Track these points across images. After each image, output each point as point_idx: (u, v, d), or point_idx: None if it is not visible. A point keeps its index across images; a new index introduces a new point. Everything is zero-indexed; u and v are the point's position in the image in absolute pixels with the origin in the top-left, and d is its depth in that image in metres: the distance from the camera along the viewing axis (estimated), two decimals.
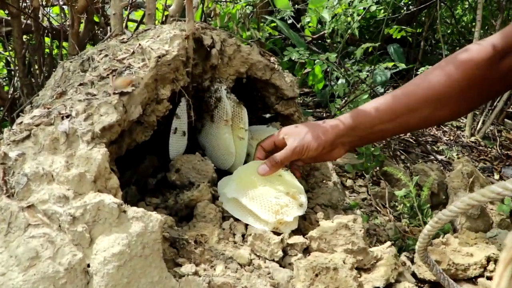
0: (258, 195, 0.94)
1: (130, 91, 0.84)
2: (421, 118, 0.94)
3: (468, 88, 0.90)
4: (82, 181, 0.70)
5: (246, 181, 1.01)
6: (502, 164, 1.87)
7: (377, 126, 0.96)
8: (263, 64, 1.22)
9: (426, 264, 0.83)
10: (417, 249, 0.79)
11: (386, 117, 0.95)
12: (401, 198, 1.25)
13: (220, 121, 1.18)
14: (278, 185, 1.01)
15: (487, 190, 0.58)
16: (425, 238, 0.73)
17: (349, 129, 0.98)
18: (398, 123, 0.95)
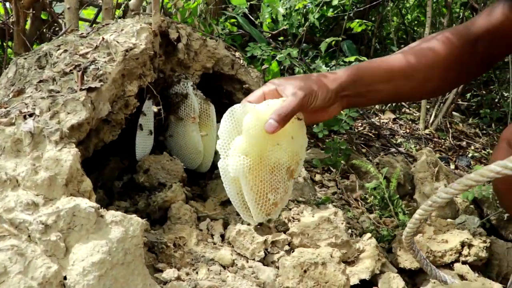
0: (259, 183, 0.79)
1: (96, 86, 0.78)
2: (411, 87, 0.94)
3: (450, 67, 0.93)
4: (53, 185, 0.63)
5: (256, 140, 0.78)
6: (456, 155, 1.94)
7: (375, 84, 0.91)
8: (229, 59, 1.18)
9: (411, 250, 0.83)
10: (405, 234, 0.78)
11: (384, 77, 0.91)
12: (371, 190, 1.26)
13: (187, 118, 1.13)
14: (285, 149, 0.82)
15: (486, 170, 0.57)
16: (415, 223, 0.72)
17: (351, 82, 0.89)
18: (392, 86, 0.92)
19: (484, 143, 2.13)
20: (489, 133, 2.31)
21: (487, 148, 2.05)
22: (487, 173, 0.57)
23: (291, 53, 1.55)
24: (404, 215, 1.18)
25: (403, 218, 1.15)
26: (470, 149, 2.03)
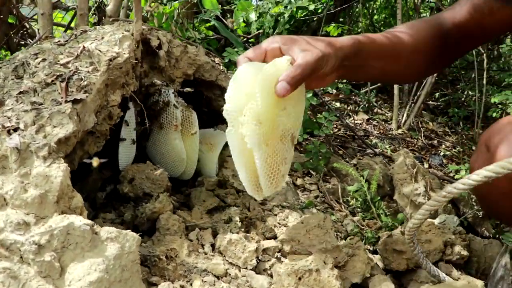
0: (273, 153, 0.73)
1: (82, 98, 0.76)
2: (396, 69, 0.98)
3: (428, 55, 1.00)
4: (44, 203, 0.61)
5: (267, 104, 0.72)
6: (429, 154, 2.00)
7: (370, 60, 0.92)
8: (210, 66, 1.18)
9: (412, 243, 0.84)
10: (410, 225, 0.78)
11: (377, 54, 0.93)
12: (353, 193, 1.28)
13: (170, 126, 1.12)
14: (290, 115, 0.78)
15: (506, 162, 0.59)
16: (424, 214, 0.73)
17: (353, 53, 0.87)
18: (382, 65, 0.95)
19: (454, 141, 2.19)
20: (457, 132, 2.38)
21: (457, 146, 2.11)
22: (508, 165, 0.59)
23: None
24: (386, 217, 1.20)
25: (386, 220, 1.17)
26: (442, 147, 2.09)
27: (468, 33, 1.03)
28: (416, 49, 0.99)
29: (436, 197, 0.70)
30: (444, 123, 2.52)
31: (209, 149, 1.21)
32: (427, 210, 0.72)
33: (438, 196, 0.69)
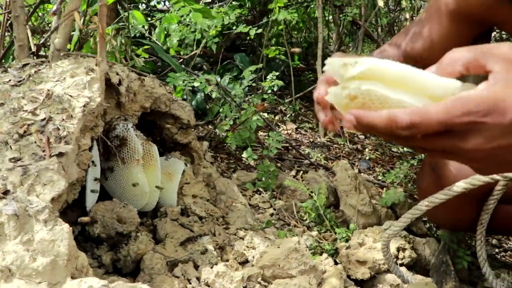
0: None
1: (66, 150, 0.74)
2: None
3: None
4: (55, 269, 0.60)
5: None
6: (357, 158, 2.16)
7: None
8: (166, 97, 1.19)
9: (386, 248, 0.94)
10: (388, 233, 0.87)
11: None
12: (305, 208, 1.36)
13: (132, 160, 1.11)
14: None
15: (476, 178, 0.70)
16: (406, 222, 0.82)
17: None
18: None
19: (375, 143, 2.39)
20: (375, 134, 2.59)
21: (379, 148, 2.31)
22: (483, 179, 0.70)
23: (209, 80, 1.59)
24: (338, 228, 1.30)
25: (339, 231, 1.27)
26: (366, 151, 2.27)
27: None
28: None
29: (419, 206, 0.80)
30: None
31: (168, 179, 1.23)
32: (408, 218, 0.82)
33: (420, 205, 0.79)
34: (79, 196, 1.00)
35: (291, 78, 2.43)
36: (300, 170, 1.87)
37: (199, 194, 1.28)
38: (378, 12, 2.40)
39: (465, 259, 1.16)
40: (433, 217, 1.02)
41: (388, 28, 2.80)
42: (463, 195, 0.81)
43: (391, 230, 0.86)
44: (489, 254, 1.48)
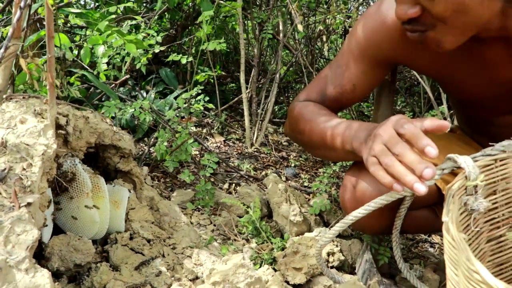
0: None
1: (34, 200, 0.81)
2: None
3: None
4: None
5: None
6: (283, 166, 2.34)
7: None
8: (109, 131, 1.26)
9: (318, 256, 1.09)
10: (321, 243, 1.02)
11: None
12: (243, 222, 1.50)
13: (81, 195, 1.17)
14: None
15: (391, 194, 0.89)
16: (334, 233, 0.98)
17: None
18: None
19: (299, 150, 2.59)
20: None
21: (302, 154, 2.51)
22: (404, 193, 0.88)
23: (143, 105, 1.66)
24: (273, 238, 1.45)
25: (275, 241, 1.42)
26: (291, 158, 2.46)
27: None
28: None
29: (344, 220, 0.96)
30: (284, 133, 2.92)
31: (115, 206, 1.30)
32: (336, 231, 0.98)
33: (346, 219, 0.96)
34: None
35: (215, 88, 2.55)
36: (232, 183, 2.00)
37: (145, 218, 1.36)
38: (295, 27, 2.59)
39: (386, 255, 1.35)
40: (356, 225, 1.20)
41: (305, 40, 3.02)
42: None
43: (322, 241, 1.02)
44: (405, 246, 1.72)
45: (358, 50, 1.14)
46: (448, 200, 0.81)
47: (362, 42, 1.14)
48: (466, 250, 0.64)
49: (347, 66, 1.16)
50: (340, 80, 1.17)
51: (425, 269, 1.43)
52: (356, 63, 1.15)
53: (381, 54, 1.12)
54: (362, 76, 1.16)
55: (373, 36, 1.11)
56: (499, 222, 1.02)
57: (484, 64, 1.09)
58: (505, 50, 1.03)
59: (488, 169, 0.96)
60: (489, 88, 1.14)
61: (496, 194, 0.99)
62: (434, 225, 1.21)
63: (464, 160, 0.89)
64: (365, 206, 0.96)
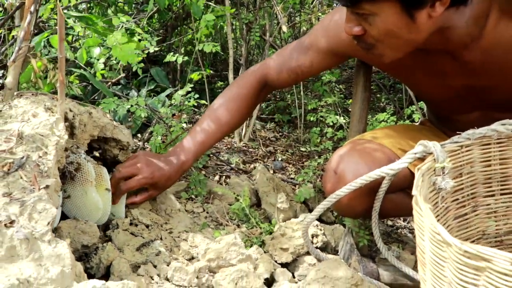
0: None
1: (51, 183, 0.92)
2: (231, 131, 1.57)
3: (250, 108, 1.54)
4: (64, 277, 0.79)
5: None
6: (270, 160, 2.46)
7: (211, 145, 1.53)
8: (110, 125, 1.37)
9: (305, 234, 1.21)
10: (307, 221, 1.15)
11: (218, 139, 1.51)
12: (234, 209, 1.61)
13: (86, 183, 1.28)
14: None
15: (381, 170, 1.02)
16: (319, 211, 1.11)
17: (195, 160, 1.48)
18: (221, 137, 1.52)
19: (285, 144, 2.71)
20: (284, 135, 2.92)
21: (289, 149, 2.63)
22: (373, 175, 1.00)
23: (139, 102, 1.77)
24: (262, 223, 1.57)
25: (264, 226, 1.54)
26: (278, 152, 2.58)
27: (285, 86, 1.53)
28: (241, 116, 1.53)
29: (329, 199, 1.09)
30: (272, 128, 3.05)
31: None
32: (321, 209, 1.10)
33: (330, 198, 1.08)
34: None
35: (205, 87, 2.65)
36: (223, 175, 2.12)
37: (143, 206, 1.47)
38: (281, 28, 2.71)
39: (365, 238, 1.48)
40: (337, 208, 1.32)
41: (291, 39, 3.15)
42: (359, 189, 1.12)
43: (309, 218, 1.14)
44: (385, 232, 1.86)
45: (323, 37, 1.31)
46: (417, 178, 0.93)
47: (327, 31, 1.32)
48: (430, 216, 0.77)
49: (311, 46, 1.37)
50: (303, 56, 1.38)
51: (403, 251, 1.57)
52: (319, 47, 1.35)
53: (341, 47, 1.29)
54: (321, 58, 1.37)
55: (337, 30, 1.27)
56: (465, 202, 1.16)
57: (434, 71, 1.24)
58: (452, 61, 1.17)
59: (455, 154, 1.09)
60: (442, 92, 1.29)
61: (462, 177, 1.13)
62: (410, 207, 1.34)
63: (433, 145, 1.02)
64: (347, 186, 1.08)
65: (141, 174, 1.35)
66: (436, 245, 0.77)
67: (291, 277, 1.25)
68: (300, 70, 1.40)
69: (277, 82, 1.46)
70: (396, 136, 1.33)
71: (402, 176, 1.23)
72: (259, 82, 1.46)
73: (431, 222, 0.76)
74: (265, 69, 1.47)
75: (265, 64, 1.49)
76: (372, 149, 1.25)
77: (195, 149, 1.43)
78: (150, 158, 1.39)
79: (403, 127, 1.46)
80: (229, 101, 1.45)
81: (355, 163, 1.19)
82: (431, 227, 0.76)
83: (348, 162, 1.20)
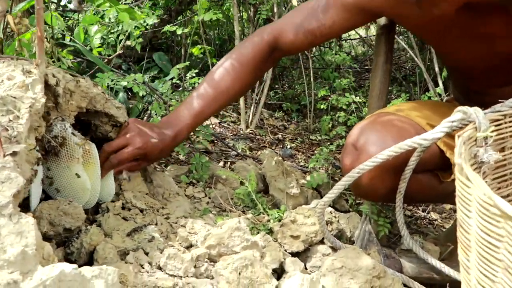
0: None
1: (19, 149, 0.77)
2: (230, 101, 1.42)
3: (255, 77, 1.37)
4: (25, 259, 0.64)
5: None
6: (279, 148, 2.31)
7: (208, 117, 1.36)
8: (101, 96, 1.22)
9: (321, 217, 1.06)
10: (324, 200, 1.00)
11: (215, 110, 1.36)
12: (238, 194, 1.46)
13: (71, 160, 1.14)
14: None
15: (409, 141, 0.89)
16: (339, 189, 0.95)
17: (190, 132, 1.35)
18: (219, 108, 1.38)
19: (294, 133, 2.55)
20: (293, 124, 2.77)
21: (298, 137, 2.48)
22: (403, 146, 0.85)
23: (137, 79, 1.63)
24: (270, 210, 1.42)
25: (271, 213, 1.39)
26: (286, 140, 2.43)
27: (298, 50, 1.36)
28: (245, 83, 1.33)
29: (350, 174, 0.93)
30: (281, 117, 2.89)
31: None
32: (341, 186, 0.95)
33: (352, 173, 0.93)
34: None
35: None
36: (228, 161, 1.97)
37: (138, 189, 1.32)
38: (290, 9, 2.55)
39: (386, 226, 1.33)
40: (357, 189, 1.17)
41: None
42: (383, 167, 0.97)
43: (326, 198, 0.99)
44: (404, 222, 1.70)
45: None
46: (459, 145, 0.77)
47: None
48: (482, 185, 0.61)
49: (334, 3, 1.16)
50: (323, 15, 1.19)
51: (425, 241, 1.41)
52: (344, 4, 1.15)
53: (375, 2, 1.10)
54: (346, 17, 1.18)
55: None
56: (507, 181, 1.00)
57: (480, 34, 1.07)
58: (503, 23, 1.01)
59: (497, 124, 0.93)
60: (485, 59, 1.13)
61: (505, 151, 0.97)
62: (437, 191, 1.18)
63: (475, 111, 0.86)
64: (371, 159, 0.93)
65: (132, 145, 1.20)
66: (489, 221, 0.61)
67: (303, 267, 1.09)
68: (319, 31, 1.21)
69: (290, 45, 1.27)
70: (425, 109, 1.17)
71: (429, 154, 1.07)
72: (268, 45, 1.27)
73: (484, 192, 0.60)
74: (277, 30, 1.28)
75: (277, 24, 1.31)
76: (398, 122, 1.09)
77: (191, 119, 1.27)
78: (142, 128, 1.25)
79: (432, 102, 1.30)
80: (232, 65, 1.27)
81: (379, 135, 1.03)
82: (484, 199, 0.60)
83: (371, 135, 1.04)
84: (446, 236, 1.54)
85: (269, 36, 1.30)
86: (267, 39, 1.30)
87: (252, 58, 1.29)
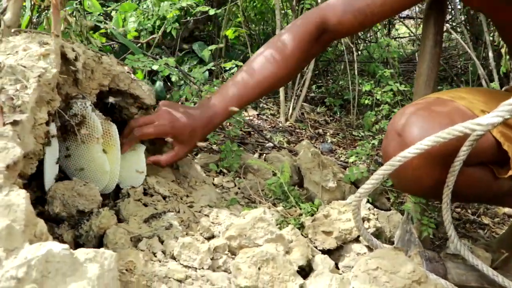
0: None
1: (21, 119, 0.71)
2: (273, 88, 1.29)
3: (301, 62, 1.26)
4: (11, 234, 0.58)
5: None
6: (318, 142, 2.19)
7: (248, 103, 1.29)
8: (125, 75, 1.16)
9: (357, 211, 0.95)
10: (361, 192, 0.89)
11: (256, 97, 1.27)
12: (270, 185, 1.37)
13: (91, 140, 1.08)
14: None
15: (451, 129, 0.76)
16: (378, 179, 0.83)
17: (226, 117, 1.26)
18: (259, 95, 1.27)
19: (336, 128, 2.43)
20: (336, 119, 2.64)
21: (340, 132, 2.35)
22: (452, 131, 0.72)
23: (168, 62, 1.56)
24: (303, 203, 1.31)
25: (304, 206, 1.28)
26: (327, 135, 2.31)
27: (348, 32, 1.25)
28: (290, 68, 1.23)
29: (391, 162, 0.81)
30: (323, 112, 2.77)
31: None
32: (380, 175, 0.83)
33: (393, 160, 0.81)
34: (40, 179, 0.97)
35: None
36: (263, 153, 1.87)
37: (162, 175, 1.26)
38: None
39: (430, 227, 1.19)
40: (399, 182, 1.05)
41: None
42: (430, 156, 0.84)
43: (363, 189, 0.87)
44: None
45: None
46: None
47: None
48: None
49: None
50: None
51: (475, 247, 1.26)
52: None
53: None
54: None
55: None
56: None
57: None
58: None
59: None
60: None
61: None
62: (491, 188, 1.03)
63: None
64: (416, 145, 0.80)
65: (159, 121, 1.14)
66: None
67: (333, 266, 0.98)
68: (369, 10, 1.11)
69: (338, 26, 1.16)
70: (479, 95, 1.02)
71: (483, 145, 0.94)
72: (316, 27, 1.17)
73: None
74: (325, 10, 1.18)
75: (324, 4, 1.20)
76: (446, 107, 0.95)
77: (229, 103, 1.18)
78: (173, 106, 1.18)
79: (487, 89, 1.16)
80: (277, 48, 1.18)
81: (425, 121, 0.91)
82: None
83: (416, 120, 0.92)
84: (499, 242, 1.38)
85: (316, 17, 1.19)
86: (314, 20, 1.19)
87: (299, 42, 1.19)
